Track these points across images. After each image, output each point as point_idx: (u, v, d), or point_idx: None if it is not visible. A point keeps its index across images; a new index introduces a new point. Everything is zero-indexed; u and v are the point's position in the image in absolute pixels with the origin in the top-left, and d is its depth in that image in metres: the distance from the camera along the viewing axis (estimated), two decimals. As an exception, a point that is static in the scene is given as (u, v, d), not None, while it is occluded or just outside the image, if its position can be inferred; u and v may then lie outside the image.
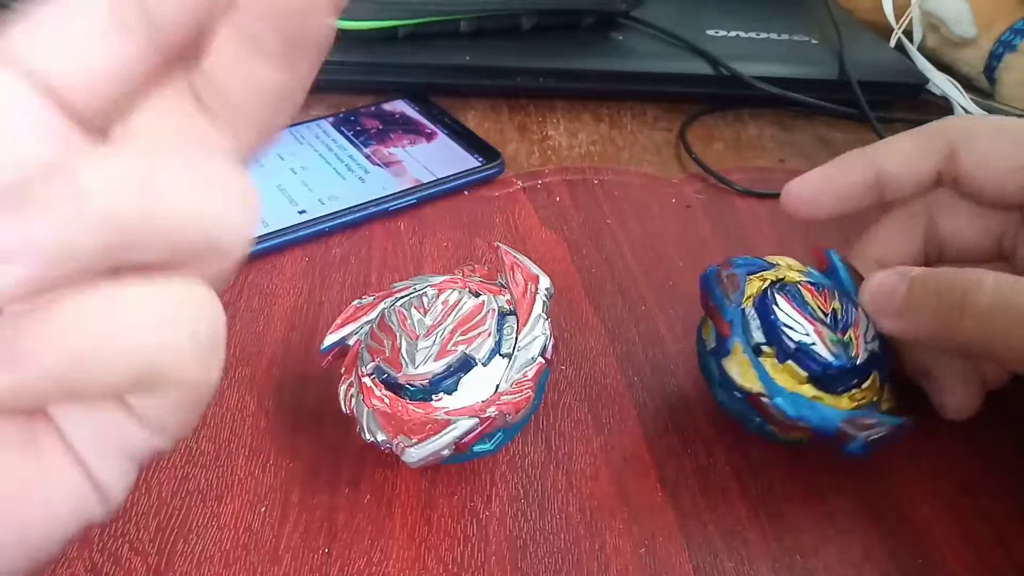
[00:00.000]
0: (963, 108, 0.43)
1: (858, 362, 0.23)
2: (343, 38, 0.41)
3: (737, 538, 0.23)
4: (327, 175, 0.36)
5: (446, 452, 0.21)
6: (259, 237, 0.31)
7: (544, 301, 0.24)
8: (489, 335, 0.23)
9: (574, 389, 0.27)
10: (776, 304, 0.24)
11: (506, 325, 0.23)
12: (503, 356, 0.23)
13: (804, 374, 0.23)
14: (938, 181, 0.26)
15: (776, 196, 0.37)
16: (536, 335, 0.23)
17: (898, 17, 0.50)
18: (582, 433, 0.26)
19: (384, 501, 0.23)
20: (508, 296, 0.24)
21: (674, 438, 0.26)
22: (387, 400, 0.22)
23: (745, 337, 0.23)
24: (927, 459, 0.26)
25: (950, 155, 0.26)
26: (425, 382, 0.22)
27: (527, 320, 0.23)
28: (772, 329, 0.23)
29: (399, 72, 0.41)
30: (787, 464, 0.25)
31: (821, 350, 0.23)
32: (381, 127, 0.39)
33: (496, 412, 0.21)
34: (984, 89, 0.47)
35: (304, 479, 0.24)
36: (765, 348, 0.23)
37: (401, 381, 0.22)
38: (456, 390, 0.22)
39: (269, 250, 0.32)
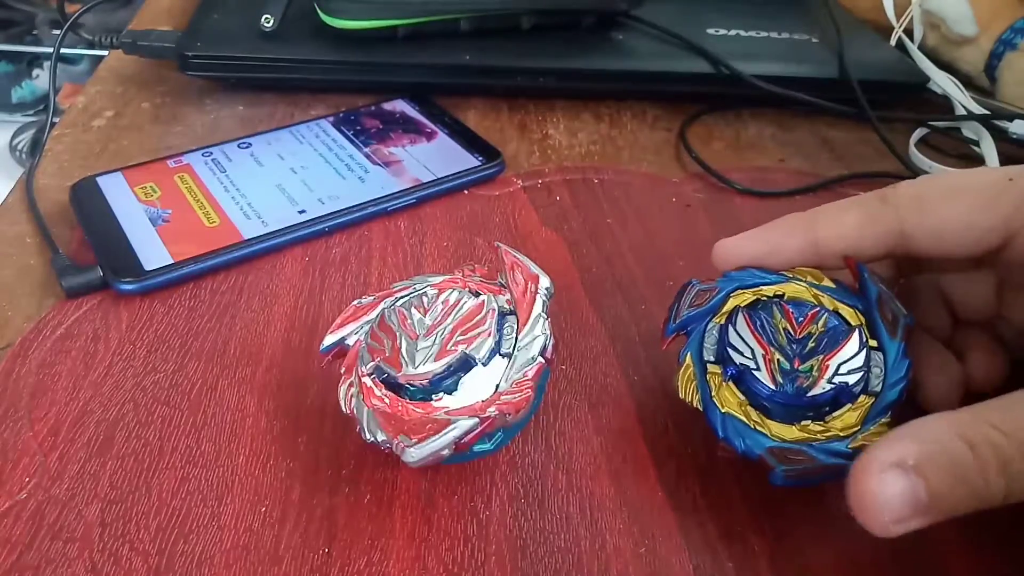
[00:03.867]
0: (963, 107, 0.43)
1: (809, 394, 0.22)
2: (343, 38, 0.41)
3: (737, 538, 0.23)
4: (327, 175, 0.35)
5: (446, 452, 0.21)
6: (258, 237, 0.31)
7: (544, 301, 0.24)
8: (489, 335, 0.23)
9: (574, 389, 0.27)
10: (734, 324, 0.24)
11: (506, 325, 0.23)
12: (503, 356, 0.23)
13: (743, 398, 0.23)
14: (888, 254, 0.25)
15: (777, 195, 0.38)
16: (536, 335, 0.23)
17: (898, 16, 0.50)
18: (582, 433, 0.26)
19: (384, 501, 0.23)
20: (508, 296, 0.24)
21: (674, 438, 0.26)
22: (387, 400, 0.22)
23: (698, 352, 0.24)
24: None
25: (900, 232, 0.24)
26: (425, 382, 0.22)
27: (527, 320, 0.23)
28: (723, 349, 0.23)
29: (399, 72, 0.41)
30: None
31: (763, 376, 0.23)
32: (381, 126, 0.39)
33: (496, 412, 0.21)
34: (985, 88, 0.47)
35: (304, 479, 0.24)
36: (712, 367, 0.23)
37: (401, 381, 0.22)
38: (456, 390, 0.22)
39: (269, 250, 0.32)
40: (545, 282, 0.24)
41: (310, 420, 0.25)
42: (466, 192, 0.36)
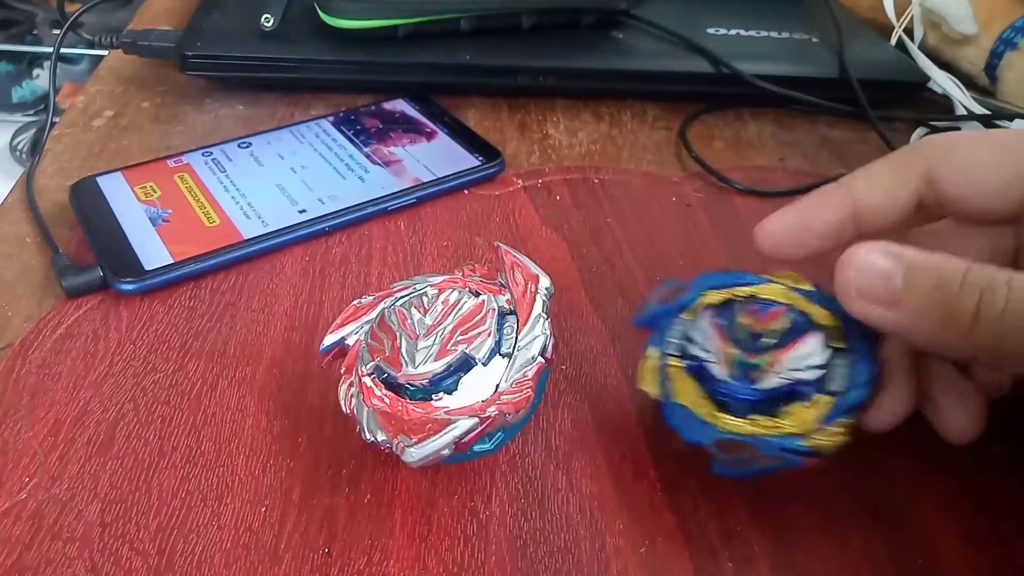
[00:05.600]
0: (964, 106, 0.43)
1: (760, 387, 0.22)
2: (343, 37, 0.41)
3: (737, 538, 0.23)
4: (327, 174, 0.35)
5: (446, 452, 0.21)
6: (259, 237, 0.31)
7: (544, 301, 0.24)
8: (489, 335, 0.23)
9: (574, 389, 0.27)
10: (698, 320, 0.24)
11: (506, 325, 0.23)
12: (503, 356, 0.23)
13: (701, 390, 0.23)
14: (919, 208, 0.25)
15: (777, 195, 0.38)
16: (536, 335, 0.23)
17: (899, 15, 0.50)
18: (582, 433, 0.26)
19: (384, 501, 0.23)
20: (508, 296, 0.24)
21: (674, 438, 0.26)
22: (387, 400, 0.22)
23: (662, 345, 0.24)
24: (927, 459, 0.25)
25: (929, 178, 0.24)
26: (425, 382, 0.22)
27: (527, 320, 0.23)
28: (684, 343, 0.24)
29: (399, 71, 0.41)
30: (787, 463, 0.25)
31: (716, 369, 0.23)
32: (381, 126, 0.39)
33: (496, 412, 0.21)
34: (985, 87, 0.47)
35: (304, 479, 0.24)
36: (673, 359, 0.24)
37: (401, 381, 0.22)
38: (456, 390, 0.22)
39: (269, 250, 0.32)
40: (545, 282, 0.24)
41: (310, 420, 0.25)
42: (466, 192, 0.36)
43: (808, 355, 0.22)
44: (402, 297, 0.24)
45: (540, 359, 0.23)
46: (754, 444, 0.22)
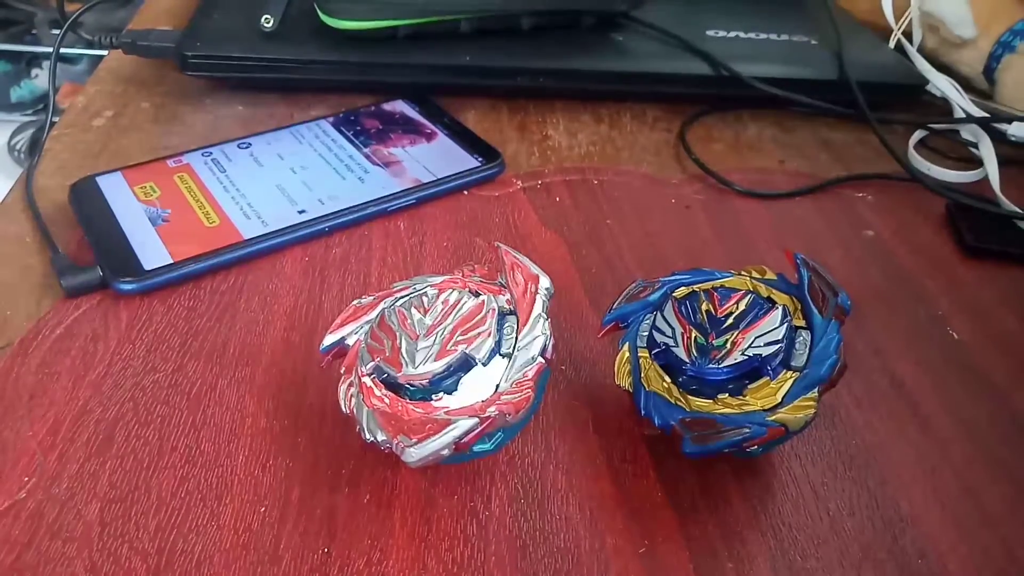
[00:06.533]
0: (962, 109, 0.43)
1: (720, 365, 0.23)
2: (343, 38, 0.41)
3: (737, 538, 0.23)
4: (327, 175, 0.36)
5: (446, 452, 0.21)
6: (258, 237, 0.31)
7: (544, 301, 0.24)
8: (489, 335, 0.23)
9: (574, 389, 0.27)
10: (662, 311, 0.25)
11: (506, 325, 0.23)
12: (503, 356, 0.23)
13: (667, 376, 0.24)
14: None
15: (776, 197, 0.38)
16: (536, 335, 0.23)
17: (897, 18, 0.50)
18: (582, 433, 0.26)
19: (384, 501, 0.23)
20: (508, 296, 0.24)
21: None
22: (387, 400, 0.22)
23: (634, 341, 0.25)
24: (927, 458, 0.26)
25: None
26: (425, 382, 0.22)
27: (527, 320, 0.23)
28: (652, 334, 0.25)
29: (399, 72, 0.41)
30: (786, 464, 0.25)
31: (679, 352, 0.24)
32: (381, 127, 0.39)
33: (496, 412, 0.21)
34: (983, 90, 0.47)
35: (304, 479, 0.24)
36: (642, 351, 0.24)
37: (401, 381, 0.22)
38: (456, 390, 0.22)
39: (269, 250, 0.32)
40: (545, 282, 0.24)
41: (310, 420, 0.25)
42: (466, 193, 0.36)
43: (767, 332, 0.23)
44: (402, 297, 0.24)
45: (540, 359, 0.23)
46: (719, 420, 0.22)
